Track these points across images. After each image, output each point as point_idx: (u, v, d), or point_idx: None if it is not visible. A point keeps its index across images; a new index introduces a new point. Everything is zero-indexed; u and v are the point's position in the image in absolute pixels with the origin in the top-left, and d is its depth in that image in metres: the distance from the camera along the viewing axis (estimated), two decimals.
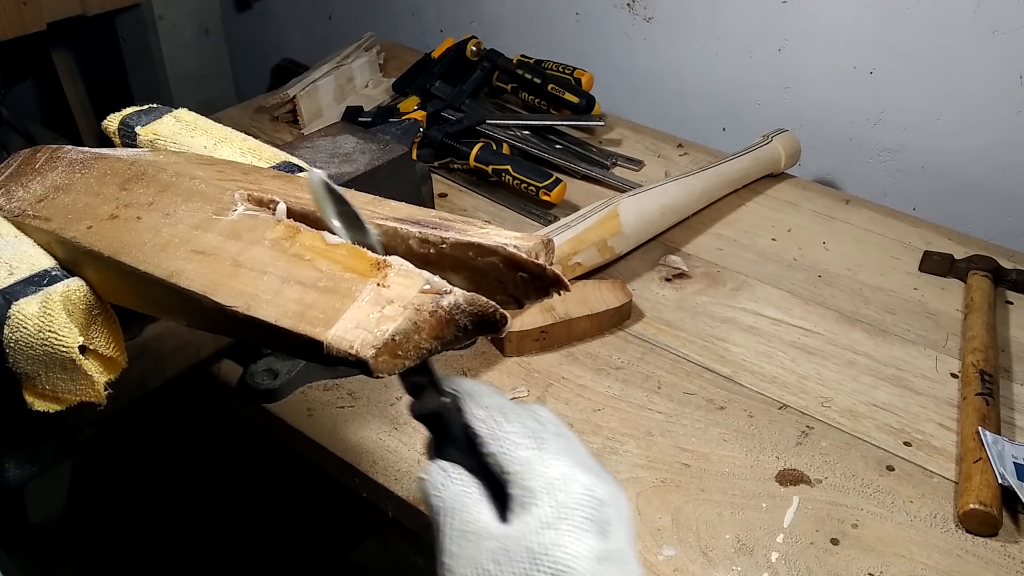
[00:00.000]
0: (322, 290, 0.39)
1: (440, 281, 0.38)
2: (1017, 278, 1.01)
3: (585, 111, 1.30)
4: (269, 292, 0.40)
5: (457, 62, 1.38)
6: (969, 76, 1.16)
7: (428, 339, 0.37)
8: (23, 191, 0.57)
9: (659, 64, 1.46)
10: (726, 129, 1.43)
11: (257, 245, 0.43)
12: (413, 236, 0.43)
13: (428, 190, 0.96)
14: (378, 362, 0.35)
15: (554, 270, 0.41)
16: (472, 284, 0.42)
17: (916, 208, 1.26)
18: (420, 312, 0.36)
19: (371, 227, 0.42)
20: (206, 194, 0.48)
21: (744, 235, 1.12)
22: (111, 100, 1.32)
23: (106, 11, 1.67)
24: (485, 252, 0.41)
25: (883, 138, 1.27)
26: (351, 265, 0.40)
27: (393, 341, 0.36)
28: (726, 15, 1.34)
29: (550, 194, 1.12)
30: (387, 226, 0.43)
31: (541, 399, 0.86)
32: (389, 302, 0.37)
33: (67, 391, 0.51)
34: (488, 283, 0.42)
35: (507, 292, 0.42)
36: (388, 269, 0.39)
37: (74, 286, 0.50)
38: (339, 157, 0.82)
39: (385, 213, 0.45)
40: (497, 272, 0.41)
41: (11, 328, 0.49)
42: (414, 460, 0.80)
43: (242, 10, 2.05)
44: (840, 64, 1.26)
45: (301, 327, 0.38)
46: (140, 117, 0.64)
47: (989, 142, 1.17)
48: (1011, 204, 1.19)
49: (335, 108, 1.38)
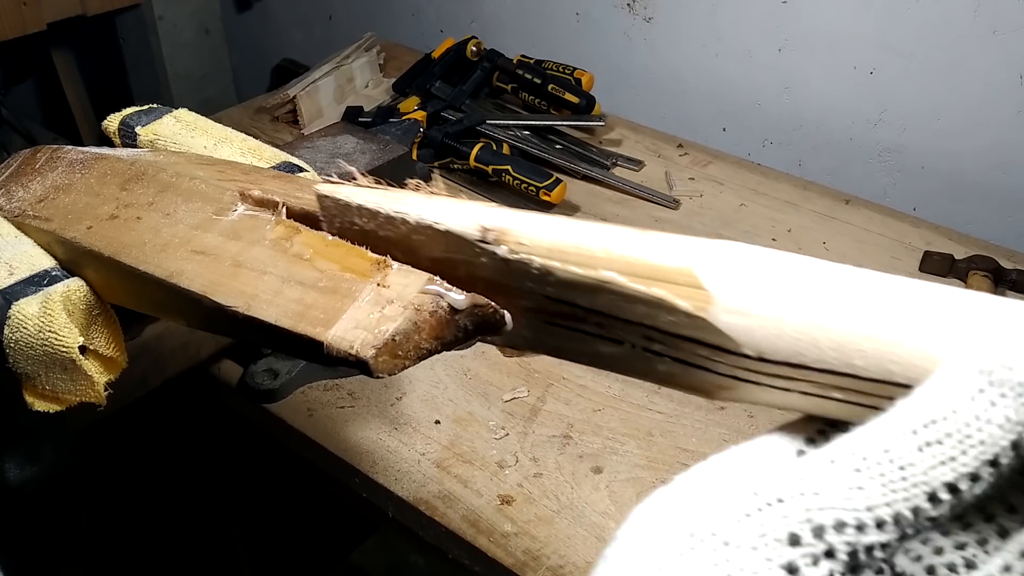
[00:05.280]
0: (322, 290, 0.39)
1: (441, 281, 0.38)
2: (1017, 278, 1.01)
3: (585, 111, 1.30)
4: (269, 292, 0.40)
5: (457, 62, 1.38)
6: (969, 76, 1.16)
7: (428, 339, 0.37)
8: (23, 191, 0.57)
9: (659, 64, 1.46)
10: (726, 129, 1.43)
11: (257, 245, 0.43)
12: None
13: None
14: (378, 362, 0.35)
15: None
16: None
17: (916, 208, 1.26)
18: (420, 312, 0.36)
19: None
20: (206, 194, 0.48)
21: (744, 235, 1.12)
22: (111, 100, 1.32)
23: (106, 11, 1.67)
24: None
25: (883, 138, 1.27)
26: (351, 265, 0.39)
27: (393, 341, 0.36)
28: (726, 15, 1.34)
29: (550, 194, 1.12)
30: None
31: (541, 399, 0.86)
32: (389, 302, 0.37)
33: (67, 391, 0.51)
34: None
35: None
36: (388, 269, 0.39)
37: (74, 286, 0.50)
38: (339, 157, 0.82)
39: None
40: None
41: (11, 328, 0.49)
42: (414, 460, 0.80)
43: (242, 10, 2.05)
44: (840, 64, 1.26)
45: (301, 327, 0.38)
46: (140, 117, 0.64)
47: (989, 142, 1.17)
48: (1011, 204, 1.19)
49: (335, 108, 1.38)
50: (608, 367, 0.32)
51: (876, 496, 0.20)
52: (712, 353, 0.27)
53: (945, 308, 0.23)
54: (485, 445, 0.82)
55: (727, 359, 0.27)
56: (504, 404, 0.86)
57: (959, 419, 0.20)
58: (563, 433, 0.83)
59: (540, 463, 0.80)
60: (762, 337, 0.25)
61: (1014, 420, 0.20)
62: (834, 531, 0.20)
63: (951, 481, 0.20)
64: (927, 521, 0.21)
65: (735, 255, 0.27)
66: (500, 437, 0.83)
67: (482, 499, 0.77)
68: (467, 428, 0.84)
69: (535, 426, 0.84)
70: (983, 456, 0.20)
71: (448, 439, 0.82)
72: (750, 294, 0.26)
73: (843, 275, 0.26)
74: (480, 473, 0.79)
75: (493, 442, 0.82)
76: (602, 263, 0.29)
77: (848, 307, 0.24)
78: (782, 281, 0.26)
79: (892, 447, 0.21)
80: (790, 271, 0.26)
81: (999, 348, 0.21)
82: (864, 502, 0.20)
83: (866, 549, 0.20)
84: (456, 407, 0.86)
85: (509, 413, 0.85)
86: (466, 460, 0.80)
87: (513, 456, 0.81)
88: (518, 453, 0.81)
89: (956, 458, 0.20)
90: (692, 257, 0.27)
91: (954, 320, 0.23)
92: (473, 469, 0.80)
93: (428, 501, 0.77)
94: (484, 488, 0.78)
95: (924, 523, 0.21)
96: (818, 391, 0.25)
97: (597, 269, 0.29)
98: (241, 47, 2.05)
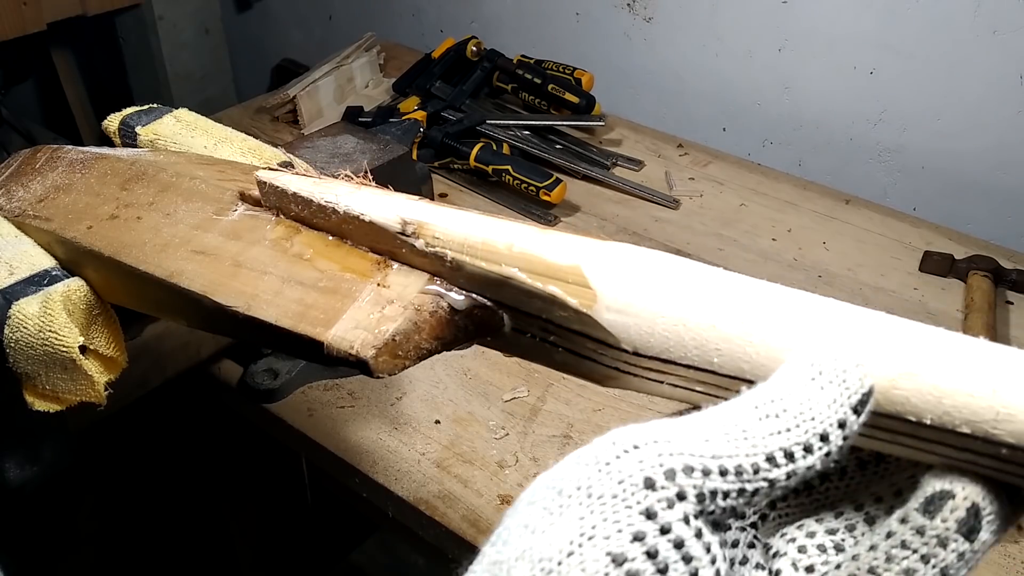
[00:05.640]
0: (322, 290, 0.39)
1: (441, 282, 0.38)
2: (1017, 278, 1.01)
3: (585, 111, 1.30)
4: (269, 292, 0.40)
5: (457, 62, 1.38)
6: (969, 76, 1.16)
7: (428, 339, 0.37)
8: (23, 191, 0.57)
9: (659, 64, 1.46)
10: (726, 129, 1.43)
11: (257, 245, 0.43)
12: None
13: (428, 190, 0.96)
14: (378, 362, 0.35)
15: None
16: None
17: (916, 208, 1.26)
18: (420, 312, 0.36)
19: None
20: (206, 194, 0.48)
21: (744, 235, 1.12)
22: (111, 100, 1.32)
23: (106, 11, 1.67)
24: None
25: (883, 138, 1.27)
26: (351, 265, 0.39)
27: (393, 341, 0.36)
28: (726, 15, 1.34)
29: (550, 194, 1.12)
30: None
31: (541, 399, 0.86)
32: (389, 302, 0.37)
33: (67, 391, 0.51)
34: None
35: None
36: (388, 269, 0.39)
37: (74, 286, 0.50)
38: (339, 157, 0.82)
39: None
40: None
41: (11, 328, 0.49)
42: (414, 460, 0.80)
43: (242, 10, 2.05)
44: (840, 64, 1.26)
45: (301, 327, 0.38)
46: (140, 117, 0.64)
47: (989, 142, 1.17)
48: (1011, 204, 1.19)
49: (335, 108, 1.38)
50: (521, 355, 0.34)
51: (721, 448, 0.23)
52: (597, 347, 0.30)
53: (792, 312, 0.26)
54: (485, 445, 0.82)
55: (610, 352, 0.30)
56: (504, 404, 0.86)
57: (794, 399, 0.24)
58: (563, 433, 0.83)
59: (540, 463, 0.80)
60: (637, 335, 0.28)
61: (838, 402, 0.23)
62: (683, 474, 0.23)
63: (787, 448, 0.23)
64: (766, 484, 0.23)
65: (621, 256, 0.29)
66: (500, 437, 0.83)
67: (482, 499, 0.77)
68: (467, 428, 0.84)
69: (535, 426, 0.84)
70: (815, 430, 0.23)
71: (448, 439, 0.82)
72: (630, 294, 0.28)
73: (711, 280, 0.28)
74: (480, 473, 0.79)
75: (493, 442, 0.82)
76: (506, 259, 0.31)
77: (709, 310, 0.27)
78: (659, 283, 0.28)
79: (736, 416, 0.24)
80: (668, 274, 0.28)
81: (829, 344, 0.25)
82: (710, 451, 0.23)
83: (711, 494, 0.23)
84: (456, 407, 0.86)
85: (509, 413, 0.85)
86: (466, 460, 0.80)
87: (513, 456, 0.81)
88: (518, 453, 0.81)
89: (791, 430, 0.23)
90: (582, 256, 0.30)
91: (798, 323, 0.26)
92: (473, 469, 0.80)
93: (428, 501, 0.77)
94: (484, 488, 0.78)
95: (762, 484, 0.23)
96: (685, 384, 0.28)
97: (501, 264, 0.31)
98: (241, 47, 2.05)
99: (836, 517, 0.27)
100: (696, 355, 0.27)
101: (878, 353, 0.24)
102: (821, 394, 0.24)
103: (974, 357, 0.23)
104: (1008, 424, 0.22)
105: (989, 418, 0.22)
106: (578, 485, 0.23)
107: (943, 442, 0.23)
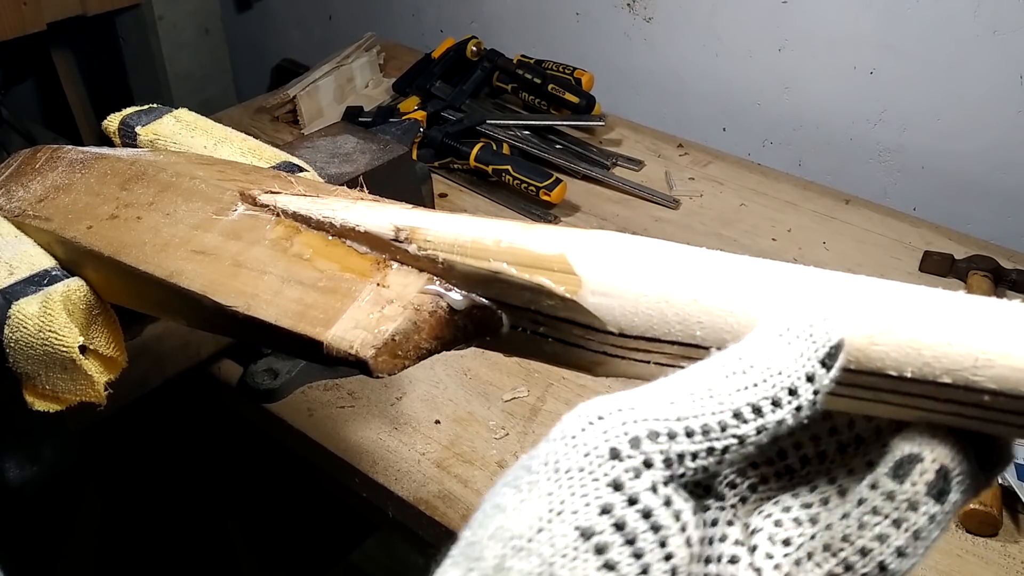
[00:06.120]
0: (322, 290, 0.39)
1: (441, 282, 0.38)
2: (1017, 278, 1.01)
3: (585, 111, 1.30)
4: (269, 292, 0.40)
5: (457, 62, 1.38)
6: (969, 76, 1.16)
7: (428, 339, 0.37)
8: (23, 191, 0.57)
9: (659, 64, 1.46)
10: (726, 129, 1.43)
11: (257, 245, 0.43)
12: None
13: (428, 190, 0.96)
14: (378, 362, 0.35)
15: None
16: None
17: (916, 208, 1.26)
18: (420, 312, 0.36)
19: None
20: (206, 194, 0.48)
21: (744, 235, 1.12)
22: (111, 100, 1.32)
23: (106, 11, 1.67)
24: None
25: (883, 138, 1.27)
26: (351, 265, 0.40)
27: (393, 341, 0.36)
28: (726, 15, 1.34)
29: (550, 194, 1.12)
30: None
31: (541, 399, 0.86)
32: (389, 302, 0.37)
33: (67, 391, 0.51)
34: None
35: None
36: (388, 269, 0.39)
37: (74, 286, 0.50)
38: (339, 157, 0.82)
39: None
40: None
41: (11, 328, 0.49)
42: (414, 460, 0.80)
43: (242, 10, 2.05)
44: (840, 64, 1.26)
45: (301, 327, 0.38)
46: (140, 117, 0.64)
47: (989, 142, 1.17)
48: (1011, 204, 1.19)
49: (335, 108, 1.38)
50: (517, 353, 0.35)
51: (686, 409, 0.23)
52: (584, 332, 0.31)
53: (770, 280, 0.27)
54: (485, 445, 0.82)
55: (596, 337, 0.30)
56: (504, 404, 0.86)
57: (760, 355, 0.23)
58: None
59: None
60: (621, 315, 0.29)
61: (805, 356, 0.23)
62: (648, 440, 0.22)
63: (754, 403, 0.23)
64: (736, 440, 0.23)
65: (603, 242, 0.30)
66: (500, 437, 0.83)
67: (482, 499, 0.77)
68: (467, 428, 0.84)
69: (535, 426, 0.84)
70: (782, 384, 0.23)
71: (448, 439, 0.83)
72: (613, 276, 0.29)
73: (691, 257, 0.29)
74: (480, 473, 0.79)
75: (493, 442, 0.82)
76: (494, 255, 0.32)
77: (689, 285, 0.28)
78: (640, 264, 0.29)
79: (702, 377, 0.24)
80: (648, 255, 0.29)
81: (797, 305, 0.25)
82: (675, 413, 0.23)
83: (679, 457, 0.23)
84: (456, 407, 0.86)
85: (509, 413, 0.85)
86: (466, 460, 0.80)
87: (513, 456, 0.81)
88: (518, 453, 0.81)
89: (758, 384, 0.23)
90: (566, 245, 0.31)
91: (776, 290, 0.26)
92: (473, 469, 0.80)
93: (428, 501, 0.77)
94: (484, 488, 0.78)
95: (731, 441, 0.23)
96: (671, 361, 0.29)
97: (490, 260, 0.32)
98: (241, 47, 2.05)
99: (811, 491, 0.27)
100: (680, 330, 0.28)
101: (855, 311, 0.24)
102: (788, 349, 0.23)
103: (950, 308, 0.24)
104: (988, 370, 0.22)
105: (968, 365, 0.22)
106: (545, 461, 0.23)
107: (926, 395, 0.23)
